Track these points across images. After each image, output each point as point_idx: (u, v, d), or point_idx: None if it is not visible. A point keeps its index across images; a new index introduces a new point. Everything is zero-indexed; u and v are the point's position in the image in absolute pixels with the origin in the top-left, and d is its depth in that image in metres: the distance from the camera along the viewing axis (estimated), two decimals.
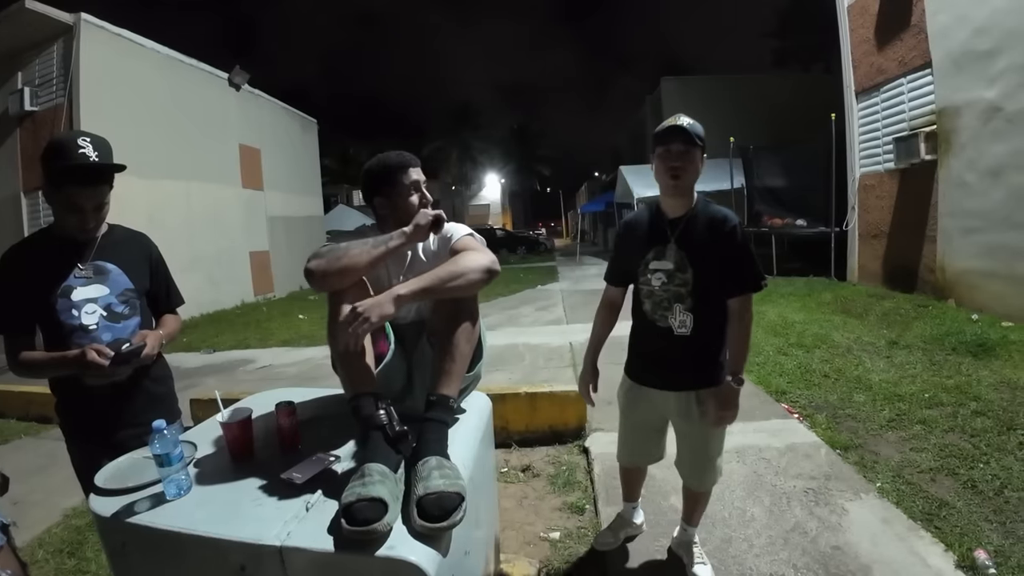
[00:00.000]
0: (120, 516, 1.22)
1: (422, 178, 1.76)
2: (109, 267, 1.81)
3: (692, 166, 1.86)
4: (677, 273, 1.90)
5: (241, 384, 5.80)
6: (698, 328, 1.91)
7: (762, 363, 5.07)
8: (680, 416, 2.04)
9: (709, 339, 1.95)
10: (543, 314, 9.23)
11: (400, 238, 1.57)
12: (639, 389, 2.12)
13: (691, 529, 2.28)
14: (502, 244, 25.15)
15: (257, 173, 14.99)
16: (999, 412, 3.54)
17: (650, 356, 2.07)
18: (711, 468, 2.10)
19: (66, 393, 1.80)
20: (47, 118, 9.93)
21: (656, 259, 1.95)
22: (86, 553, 2.75)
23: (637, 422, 2.19)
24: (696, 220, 1.90)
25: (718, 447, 2.08)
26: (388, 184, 1.72)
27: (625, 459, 2.31)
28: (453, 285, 1.48)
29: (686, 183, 1.88)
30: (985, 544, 2.26)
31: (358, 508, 1.09)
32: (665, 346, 1.97)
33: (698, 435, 2.03)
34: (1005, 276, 6.01)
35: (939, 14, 6.85)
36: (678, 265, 1.90)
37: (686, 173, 1.86)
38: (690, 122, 1.85)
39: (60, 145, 1.65)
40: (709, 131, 1.96)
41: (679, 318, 1.91)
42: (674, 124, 1.85)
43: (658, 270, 1.93)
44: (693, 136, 1.82)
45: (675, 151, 1.85)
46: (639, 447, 2.24)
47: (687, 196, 1.93)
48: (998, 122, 6.05)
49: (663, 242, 1.94)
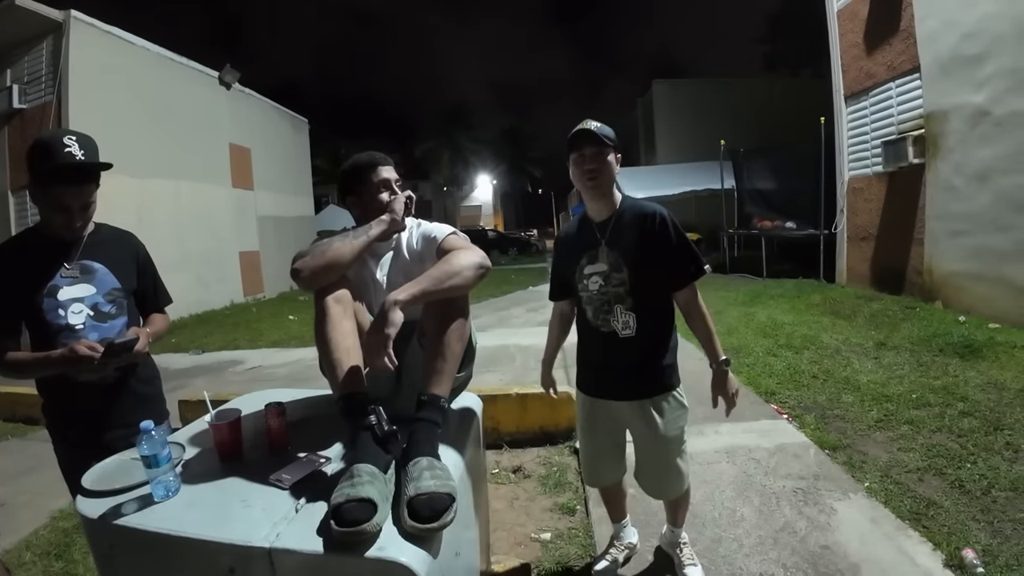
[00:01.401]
0: (108, 518, 1.21)
1: (393, 176, 1.77)
2: (96, 266, 1.79)
3: (606, 167, 1.90)
4: (613, 274, 1.91)
5: (230, 385, 5.77)
6: (642, 327, 1.91)
7: (751, 364, 5.10)
8: (636, 426, 2.01)
9: (655, 339, 1.96)
10: (534, 315, 9.23)
11: (380, 226, 1.63)
12: (594, 403, 2.09)
13: (677, 530, 2.28)
14: (493, 245, 25.18)
15: (247, 172, 14.92)
16: (986, 413, 3.58)
17: (600, 366, 2.06)
18: (675, 475, 2.04)
19: (53, 394, 1.79)
20: (35, 116, 9.85)
21: (590, 263, 1.97)
22: (74, 555, 2.72)
23: (598, 437, 2.14)
24: (623, 219, 1.94)
25: (679, 452, 2.03)
26: (359, 183, 1.75)
27: (592, 479, 2.27)
28: (449, 284, 1.47)
29: (602, 183, 1.92)
30: (973, 543, 2.28)
31: (347, 509, 1.08)
32: (612, 352, 1.96)
33: (656, 443, 1.99)
34: (992, 278, 6.08)
35: (928, 19, 6.92)
36: (612, 266, 1.91)
37: (601, 174, 1.90)
38: (598, 125, 1.89)
39: (45, 144, 1.63)
40: (700, 133, 2.01)
41: (621, 319, 1.92)
42: (581, 128, 1.89)
43: (593, 274, 1.95)
44: (601, 138, 1.86)
45: (588, 154, 1.89)
46: (604, 464, 2.19)
47: (608, 198, 1.96)
48: (985, 126, 6.12)
49: (594, 246, 1.96)
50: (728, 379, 1.94)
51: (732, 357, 5.66)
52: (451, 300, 1.51)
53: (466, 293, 1.56)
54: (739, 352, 5.52)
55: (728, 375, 1.94)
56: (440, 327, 1.49)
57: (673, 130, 23.24)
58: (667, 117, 23.93)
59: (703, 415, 2.95)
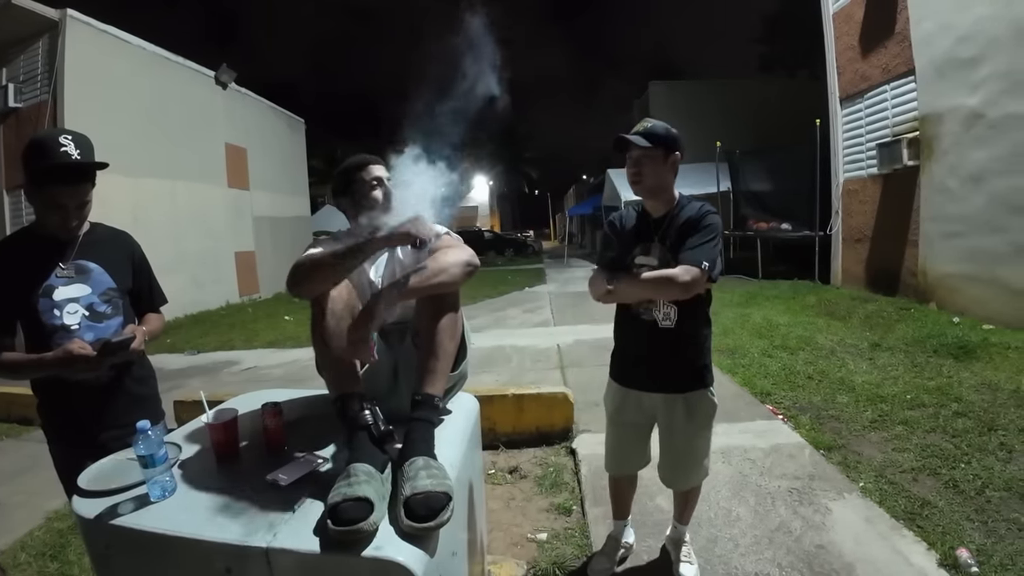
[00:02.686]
0: (104, 518, 1.21)
1: (384, 174, 1.77)
2: (91, 266, 1.79)
3: (650, 168, 1.93)
4: (662, 268, 1.93)
5: (226, 385, 5.75)
6: (682, 321, 1.94)
7: (747, 365, 5.12)
8: (668, 419, 2.04)
9: (693, 333, 1.98)
10: (531, 316, 9.24)
11: (383, 243, 1.48)
12: (625, 392, 2.12)
13: (682, 527, 2.29)
14: (490, 246, 25.15)
15: (243, 172, 14.87)
16: (980, 413, 3.60)
17: (635, 354, 2.08)
18: (697, 469, 2.11)
19: (48, 394, 1.78)
20: (31, 115, 9.79)
21: (642, 255, 1.99)
22: (69, 556, 2.71)
23: (625, 426, 2.18)
24: (678, 218, 1.96)
25: (705, 448, 2.09)
26: (351, 183, 1.77)
27: (614, 468, 2.29)
28: (436, 281, 1.48)
29: (646, 185, 1.96)
30: (967, 543, 2.29)
31: (344, 508, 1.08)
32: (650, 342, 1.99)
33: (685, 438, 2.04)
34: (986, 280, 6.11)
35: (923, 22, 6.96)
36: (662, 261, 1.94)
37: (644, 176, 1.94)
38: (646, 127, 1.93)
39: (41, 144, 1.62)
40: (696, 135, 2.01)
41: (663, 310, 1.95)
42: (619, 136, 1.93)
43: (643, 265, 1.97)
44: (633, 141, 1.90)
45: (632, 157, 1.94)
46: (628, 453, 2.22)
47: (660, 197, 1.99)
48: (980, 128, 6.15)
49: (648, 240, 1.99)
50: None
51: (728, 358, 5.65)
52: (442, 298, 1.52)
53: (456, 291, 1.57)
54: (735, 353, 5.53)
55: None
56: (432, 326, 1.51)
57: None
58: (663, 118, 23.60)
59: None
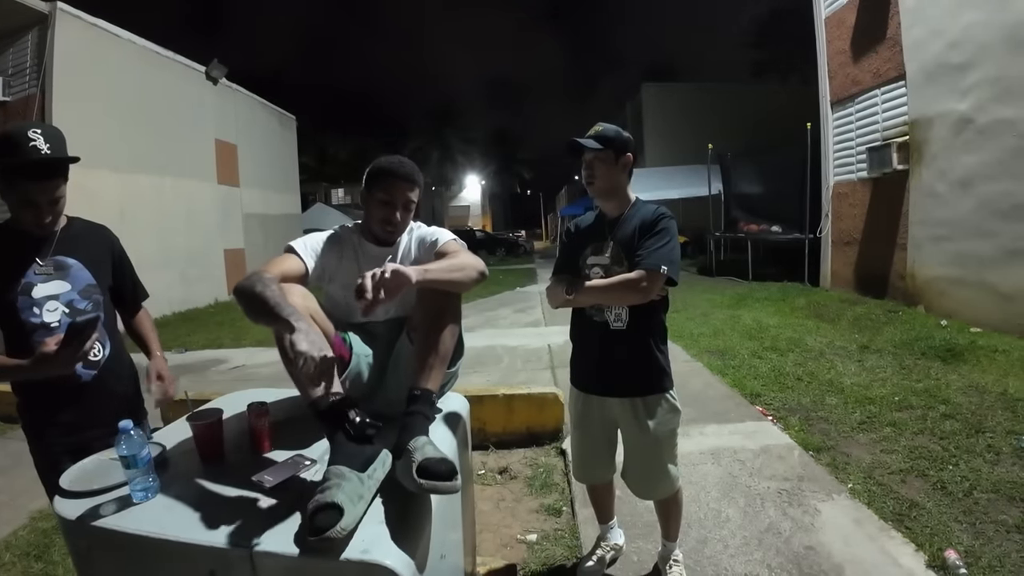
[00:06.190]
0: (85, 519, 1.18)
1: (406, 197, 1.70)
2: (70, 262, 1.75)
3: (602, 170, 1.96)
4: (613, 267, 1.95)
5: (213, 384, 5.70)
6: (634, 322, 1.94)
7: (737, 366, 5.13)
8: (627, 424, 2.02)
9: (646, 335, 1.97)
10: (521, 316, 9.24)
11: (289, 329, 1.29)
12: (586, 398, 2.11)
13: (671, 544, 2.24)
14: (482, 246, 25.13)
15: (233, 169, 14.75)
16: (967, 415, 3.63)
17: (591, 358, 2.07)
18: (663, 477, 2.04)
19: (29, 394, 1.74)
20: (19, 108, 9.64)
21: (594, 254, 2.01)
22: (53, 556, 2.67)
23: (589, 433, 2.14)
24: (632, 218, 1.98)
25: (670, 456, 2.04)
26: (374, 185, 1.71)
27: (581, 476, 2.28)
28: (454, 277, 1.51)
29: (599, 187, 1.99)
30: (956, 544, 2.30)
31: (316, 516, 1.06)
32: (602, 344, 1.99)
33: (646, 445, 2.00)
34: (973, 283, 6.17)
35: (914, 27, 7.01)
36: (614, 259, 1.95)
37: (596, 178, 1.97)
38: (598, 131, 1.95)
39: (9, 139, 1.57)
40: (688, 137, 2.03)
41: (615, 311, 1.95)
42: (571, 140, 1.95)
43: (595, 264, 1.99)
44: (584, 145, 1.91)
45: (586, 160, 1.97)
46: (594, 461, 2.19)
47: (613, 198, 2.02)
48: (969, 134, 6.21)
49: (601, 239, 2.01)
50: None
51: (718, 359, 5.65)
52: (445, 296, 1.52)
53: (460, 292, 1.58)
54: (725, 354, 5.54)
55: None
56: (435, 323, 1.50)
57: (661, 134, 23.32)
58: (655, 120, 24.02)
59: (688, 417, 2.94)
